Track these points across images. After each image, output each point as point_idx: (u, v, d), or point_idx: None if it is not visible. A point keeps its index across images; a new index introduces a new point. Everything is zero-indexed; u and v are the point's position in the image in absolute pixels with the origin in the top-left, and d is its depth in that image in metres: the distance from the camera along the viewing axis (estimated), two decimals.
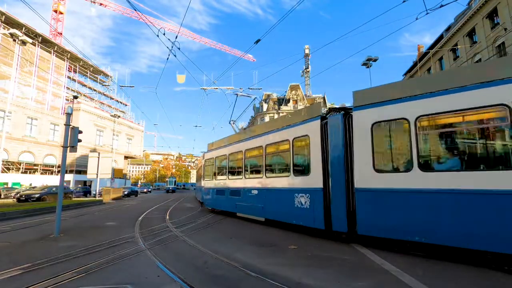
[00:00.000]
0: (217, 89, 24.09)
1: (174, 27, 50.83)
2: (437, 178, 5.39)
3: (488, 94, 4.93)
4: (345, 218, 6.53)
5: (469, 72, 5.63)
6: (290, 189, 8.31)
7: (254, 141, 10.37)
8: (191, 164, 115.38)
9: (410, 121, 5.78)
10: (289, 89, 62.27)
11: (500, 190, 4.87)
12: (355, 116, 6.66)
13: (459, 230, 5.15)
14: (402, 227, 5.71)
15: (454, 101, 5.29)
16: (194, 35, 59.47)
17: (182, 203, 21.17)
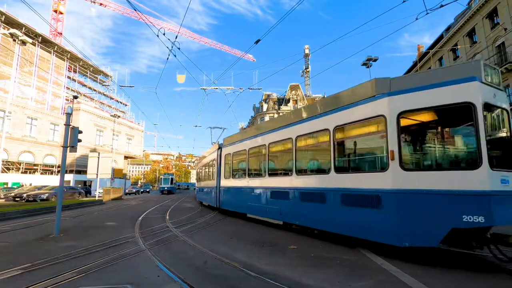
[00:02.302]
0: (217, 89, 24.12)
1: (174, 27, 50.84)
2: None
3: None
4: (219, 201, 13.59)
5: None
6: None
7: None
8: (191, 164, 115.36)
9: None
10: (289, 89, 62.28)
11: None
12: (222, 150, 13.63)
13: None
14: (235, 206, 11.88)
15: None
16: (194, 35, 59.48)
17: (182, 203, 21.17)
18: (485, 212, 4.42)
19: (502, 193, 4.58)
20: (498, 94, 5.09)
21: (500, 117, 5.20)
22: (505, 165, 4.89)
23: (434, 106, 5.05)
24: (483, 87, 4.82)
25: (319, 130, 7.23)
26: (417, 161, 5.50)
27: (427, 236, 4.84)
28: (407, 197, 5.06)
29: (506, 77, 21.51)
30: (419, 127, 5.52)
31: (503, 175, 4.69)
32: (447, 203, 4.70)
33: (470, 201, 4.52)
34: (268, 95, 63.39)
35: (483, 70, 4.89)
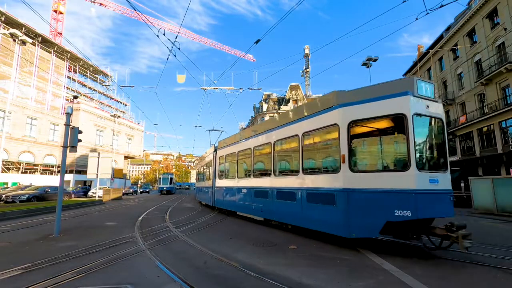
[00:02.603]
0: (217, 89, 24.13)
1: (174, 27, 50.85)
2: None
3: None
4: (214, 200, 14.55)
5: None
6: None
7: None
8: (191, 164, 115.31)
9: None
10: (289, 89, 62.28)
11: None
12: (217, 152, 14.46)
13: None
14: (227, 205, 12.66)
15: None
16: (194, 35, 59.43)
17: (182, 203, 21.17)
18: (412, 207, 5.20)
19: (428, 191, 5.36)
20: (432, 105, 5.81)
21: (434, 125, 5.95)
22: (436, 167, 5.77)
23: (376, 116, 5.87)
24: (415, 100, 5.56)
25: (291, 136, 8.06)
26: (362, 163, 6.34)
27: (368, 228, 5.64)
28: (354, 195, 5.86)
29: (506, 77, 21.51)
30: (364, 134, 6.37)
31: (432, 176, 5.49)
32: (383, 200, 5.49)
33: (401, 198, 5.31)
34: (268, 95, 63.38)
35: (416, 86, 5.59)
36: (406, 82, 5.77)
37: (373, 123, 6.08)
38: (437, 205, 5.49)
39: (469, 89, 25.83)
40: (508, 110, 20.74)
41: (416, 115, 5.51)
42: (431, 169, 5.68)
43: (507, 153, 20.70)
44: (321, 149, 7.30)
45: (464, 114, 26.51)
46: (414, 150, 5.34)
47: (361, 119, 5.99)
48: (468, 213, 15.27)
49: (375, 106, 5.79)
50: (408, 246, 6.52)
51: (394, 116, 5.66)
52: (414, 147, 5.36)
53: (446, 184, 5.71)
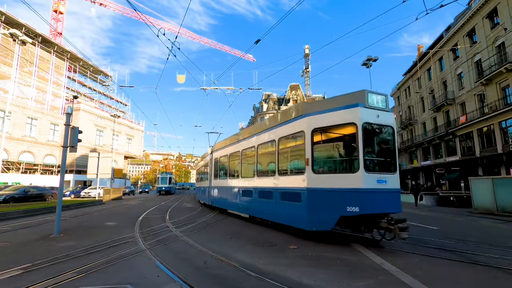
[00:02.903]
0: (217, 89, 24.12)
1: (174, 27, 50.84)
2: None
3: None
4: (211, 199, 15.30)
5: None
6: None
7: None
8: (191, 164, 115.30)
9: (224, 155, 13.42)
10: (289, 89, 62.30)
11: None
12: (213, 154, 15.23)
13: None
14: (221, 203, 13.42)
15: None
16: (194, 35, 59.41)
17: (182, 203, 21.17)
18: (360, 204, 6.00)
19: (375, 190, 6.15)
20: (382, 114, 6.57)
21: (384, 132, 6.70)
22: (384, 169, 6.52)
23: (333, 125, 6.69)
24: (365, 110, 6.33)
25: (269, 140, 8.87)
26: (321, 166, 7.00)
27: (325, 222, 6.46)
28: (314, 194, 6.67)
29: (506, 77, 21.51)
30: (324, 140, 7.06)
31: (380, 177, 6.30)
32: (337, 198, 6.29)
33: (351, 196, 6.11)
34: (268, 95, 63.41)
35: (367, 98, 6.38)
36: (359, 94, 6.52)
37: (332, 130, 6.90)
38: (384, 202, 6.28)
39: (469, 89, 25.82)
40: (508, 110, 20.73)
41: (366, 123, 6.31)
42: (380, 171, 6.45)
43: (507, 153, 20.70)
44: (292, 153, 7.90)
45: (464, 114, 26.50)
46: (362, 154, 6.12)
47: (322, 127, 6.82)
48: (468, 213, 15.27)
49: (333, 115, 6.63)
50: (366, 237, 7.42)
51: (347, 125, 6.48)
52: (363, 152, 6.13)
53: (394, 183, 6.54)
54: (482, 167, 23.66)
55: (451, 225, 10.76)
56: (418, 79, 35.77)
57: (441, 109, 30.34)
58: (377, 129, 6.63)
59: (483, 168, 23.54)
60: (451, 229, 9.65)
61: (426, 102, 33.67)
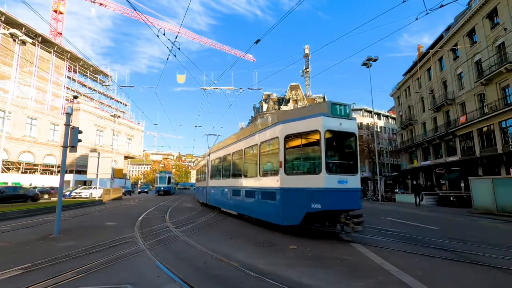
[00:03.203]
0: (217, 89, 24.13)
1: (174, 27, 50.84)
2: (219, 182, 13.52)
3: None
4: (207, 198, 16.27)
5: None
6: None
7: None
8: (191, 164, 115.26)
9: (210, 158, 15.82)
10: (289, 89, 62.28)
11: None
12: (210, 155, 16.07)
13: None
14: (216, 202, 14.23)
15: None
16: (194, 35, 59.41)
17: (182, 203, 21.16)
18: (321, 201, 6.79)
19: (336, 189, 6.90)
20: (345, 122, 7.29)
21: (346, 138, 7.55)
22: (345, 171, 7.28)
23: (302, 132, 7.44)
24: (328, 119, 7.09)
25: (253, 144, 9.55)
26: (292, 168, 7.73)
27: (294, 218, 7.23)
28: (286, 193, 7.46)
29: (506, 77, 21.51)
30: (294, 145, 7.79)
31: (341, 178, 7.06)
32: (304, 196, 7.05)
33: (314, 194, 6.89)
34: (268, 95, 63.38)
35: (329, 108, 7.19)
36: (323, 105, 7.38)
37: (301, 136, 7.60)
38: (345, 200, 7.05)
39: (469, 89, 25.82)
40: (508, 110, 20.73)
41: (328, 130, 7.08)
42: (341, 172, 7.20)
43: (507, 153, 20.70)
44: (270, 156, 8.57)
45: (464, 114, 26.50)
46: (325, 158, 6.88)
47: (293, 133, 7.59)
48: (468, 213, 15.27)
49: (302, 123, 7.41)
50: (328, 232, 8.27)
51: (313, 131, 7.22)
52: (325, 155, 6.89)
53: (355, 184, 7.26)
54: (482, 167, 23.66)
55: (451, 225, 10.76)
56: (418, 79, 35.76)
57: (441, 109, 30.34)
58: (340, 135, 7.44)
59: (483, 168, 23.54)
60: (451, 229, 9.65)
61: (426, 102, 33.67)
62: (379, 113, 61.02)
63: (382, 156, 50.11)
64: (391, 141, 58.15)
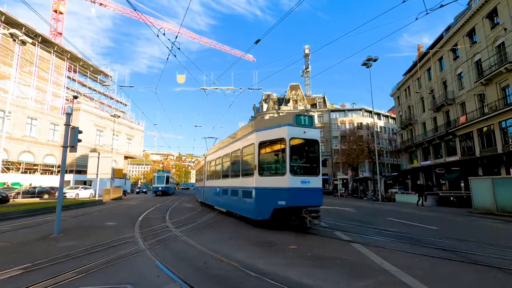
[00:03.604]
0: (217, 89, 24.13)
1: (174, 27, 50.84)
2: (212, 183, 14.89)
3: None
4: (204, 197, 17.53)
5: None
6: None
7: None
8: (191, 164, 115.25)
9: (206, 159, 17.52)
10: (289, 89, 62.26)
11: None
12: (207, 158, 17.08)
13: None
14: (210, 200, 15.33)
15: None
16: (194, 35, 59.39)
17: (182, 203, 21.16)
18: (286, 199, 7.89)
19: (298, 189, 7.97)
20: (309, 131, 8.44)
21: (309, 144, 8.59)
22: (308, 172, 8.36)
23: (272, 139, 8.58)
24: (293, 128, 8.22)
25: (237, 149, 10.62)
26: (264, 170, 8.71)
27: (265, 213, 8.34)
28: (259, 191, 8.55)
29: (506, 77, 21.51)
30: (266, 151, 8.89)
31: (304, 179, 8.16)
32: (272, 194, 8.13)
33: (281, 193, 7.98)
34: (268, 95, 63.36)
35: (294, 119, 8.35)
36: (289, 116, 8.59)
37: (271, 143, 8.69)
38: (307, 198, 8.09)
39: (469, 89, 25.82)
40: (508, 110, 20.73)
41: (293, 138, 8.18)
42: (304, 174, 8.29)
43: (507, 153, 20.70)
44: (249, 160, 9.53)
45: (464, 114, 26.50)
46: (289, 161, 7.98)
47: (265, 140, 8.70)
48: (468, 213, 15.27)
49: (272, 132, 8.54)
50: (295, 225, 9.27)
51: (280, 139, 8.31)
52: (289, 159, 7.99)
53: (316, 184, 8.33)
54: (482, 167, 23.66)
55: (451, 225, 10.76)
56: (418, 79, 35.76)
57: (441, 109, 30.33)
58: (303, 142, 8.51)
59: (483, 168, 23.54)
60: (451, 229, 9.65)
61: (426, 102, 33.67)
62: (379, 113, 61.03)
63: (382, 156, 50.12)
64: (391, 141, 58.16)
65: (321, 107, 60.08)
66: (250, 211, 9.16)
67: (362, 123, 55.91)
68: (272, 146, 8.73)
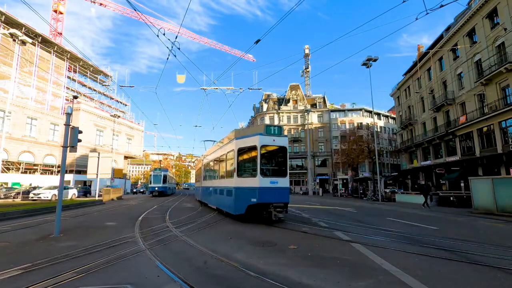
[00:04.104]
0: (217, 89, 24.16)
1: (174, 27, 50.85)
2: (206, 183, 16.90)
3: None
4: (201, 196, 19.32)
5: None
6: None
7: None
8: (191, 164, 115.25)
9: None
10: (289, 89, 62.24)
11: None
12: (203, 160, 18.81)
13: (215, 201, 13.69)
14: (205, 199, 16.78)
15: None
16: (194, 35, 59.39)
17: (182, 203, 21.16)
18: (256, 196, 9.34)
19: (268, 188, 9.47)
20: (278, 139, 9.99)
21: (277, 151, 10.12)
22: (276, 174, 9.90)
23: (247, 146, 10.00)
24: (263, 137, 9.77)
25: (223, 154, 12.19)
26: (242, 172, 10.16)
27: (241, 208, 9.80)
28: (238, 190, 10.00)
29: (506, 77, 21.51)
30: (243, 156, 10.30)
31: (273, 179, 9.63)
32: (247, 193, 9.59)
33: (253, 191, 9.42)
34: (268, 95, 63.35)
35: (265, 129, 9.95)
36: (261, 127, 10.13)
37: (247, 149, 10.07)
38: (274, 195, 9.53)
39: (469, 89, 25.82)
40: (508, 110, 20.73)
41: (263, 146, 9.71)
42: (273, 175, 9.81)
43: (507, 153, 20.70)
44: (231, 163, 10.87)
45: (464, 114, 26.51)
46: (260, 165, 9.47)
47: (243, 147, 10.10)
48: (468, 213, 15.27)
49: (247, 140, 9.99)
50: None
51: (252, 147, 9.77)
52: (260, 163, 9.49)
53: (284, 184, 9.80)
54: (482, 167, 23.66)
55: (451, 225, 10.75)
56: (418, 79, 35.77)
57: (441, 109, 30.34)
58: (273, 149, 10.04)
59: (483, 168, 23.54)
60: (451, 229, 9.65)
61: (426, 102, 33.67)
62: (379, 113, 61.04)
63: (382, 156, 50.13)
64: (391, 141, 58.16)
65: (321, 107, 60.08)
66: (231, 207, 10.58)
67: (362, 123, 55.92)
68: (248, 152, 10.11)
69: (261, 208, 9.69)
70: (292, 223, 10.13)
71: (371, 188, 34.07)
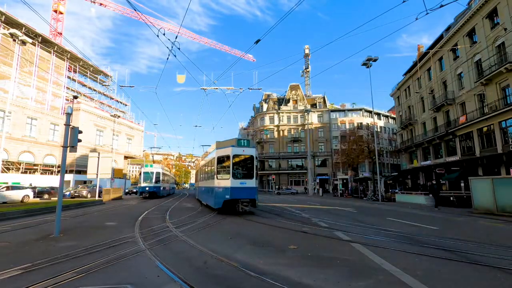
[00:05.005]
0: (217, 89, 24.16)
1: (174, 27, 50.83)
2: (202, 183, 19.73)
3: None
4: (198, 195, 22.13)
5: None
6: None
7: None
8: (191, 164, 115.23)
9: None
10: (289, 89, 62.24)
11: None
12: (201, 163, 22.00)
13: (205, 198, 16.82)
14: (202, 198, 18.96)
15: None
16: (194, 35, 59.36)
17: (182, 203, 21.15)
18: (229, 194, 12.01)
19: (238, 187, 12.12)
20: (247, 149, 12.71)
21: (246, 159, 12.68)
22: (245, 177, 12.49)
23: (223, 155, 12.64)
24: (235, 148, 12.46)
25: (209, 160, 15.13)
26: (220, 175, 12.74)
27: (219, 204, 12.34)
28: (217, 189, 12.63)
29: (506, 77, 21.51)
30: (221, 163, 12.77)
31: (242, 181, 12.28)
32: (223, 191, 12.26)
33: (227, 190, 12.10)
34: (268, 95, 63.34)
35: (236, 142, 12.66)
36: (233, 140, 12.77)
37: (223, 157, 12.65)
38: (243, 193, 12.26)
39: (469, 89, 25.82)
40: (508, 110, 20.73)
41: (235, 155, 12.40)
42: (242, 178, 12.41)
43: (507, 153, 20.70)
44: (214, 168, 13.20)
45: (464, 114, 26.50)
46: (231, 170, 12.13)
47: (221, 155, 12.72)
48: (468, 213, 15.27)
49: (223, 151, 12.69)
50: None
51: (227, 155, 12.45)
52: (232, 168, 12.14)
53: (251, 184, 12.40)
54: (482, 167, 23.66)
55: (451, 225, 10.76)
56: (418, 79, 35.76)
57: (441, 109, 30.33)
58: (242, 157, 12.66)
59: (483, 168, 23.54)
60: (451, 229, 9.65)
61: (426, 102, 33.66)
62: (379, 113, 61.04)
63: (382, 156, 50.12)
64: (391, 141, 58.17)
65: (321, 107, 60.08)
66: (214, 203, 12.93)
67: (362, 123, 55.93)
68: (224, 159, 12.62)
69: (234, 202, 12.26)
70: (291, 222, 10.13)
71: (371, 188, 34.08)
